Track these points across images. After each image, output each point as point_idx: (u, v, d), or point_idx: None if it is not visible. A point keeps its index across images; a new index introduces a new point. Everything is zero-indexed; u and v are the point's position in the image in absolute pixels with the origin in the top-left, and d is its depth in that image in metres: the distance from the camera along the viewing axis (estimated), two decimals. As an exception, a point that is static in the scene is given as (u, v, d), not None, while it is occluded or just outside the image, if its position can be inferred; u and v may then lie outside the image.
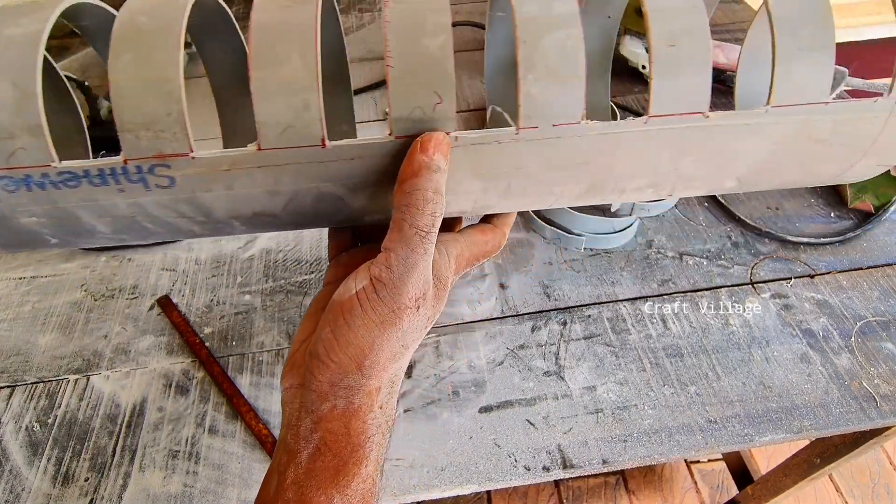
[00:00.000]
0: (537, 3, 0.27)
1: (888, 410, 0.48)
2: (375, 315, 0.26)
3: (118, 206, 0.27)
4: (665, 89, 0.27)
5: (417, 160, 0.25)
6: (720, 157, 0.30)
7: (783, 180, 0.33)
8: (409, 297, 0.26)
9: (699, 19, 0.27)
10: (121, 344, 0.54)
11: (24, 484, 0.45)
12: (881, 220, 0.61)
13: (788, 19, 0.27)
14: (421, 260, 0.25)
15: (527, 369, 0.51)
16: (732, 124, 0.28)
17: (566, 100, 0.26)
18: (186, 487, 0.45)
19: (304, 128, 0.25)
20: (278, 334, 0.54)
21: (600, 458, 0.45)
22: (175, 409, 0.49)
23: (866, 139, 0.30)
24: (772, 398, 0.48)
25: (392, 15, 0.26)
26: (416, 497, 0.44)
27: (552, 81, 0.26)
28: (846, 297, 0.55)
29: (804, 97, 0.28)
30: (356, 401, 0.27)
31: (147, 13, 0.27)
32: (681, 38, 0.26)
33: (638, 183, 0.31)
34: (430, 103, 0.25)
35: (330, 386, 0.26)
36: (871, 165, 0.32)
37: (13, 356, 0.53)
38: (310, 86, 0.25)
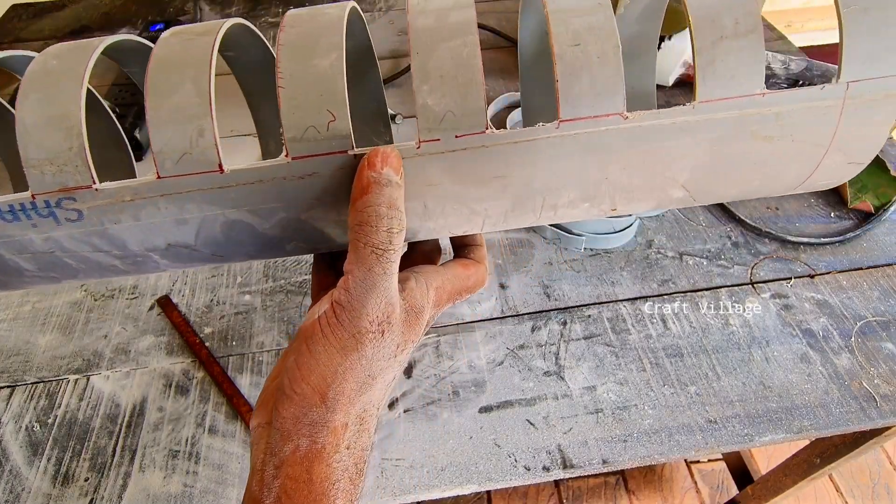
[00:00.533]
0: (435, 13, 0.26)
1: (888, 410, 0.48)
2: (336, 340, 0.24)
3: (34, 242, 0.27)
4: (574, 91, 0.25)
5: (365, 177, 0.24)
6: (653, 162, 0.27)
7: (743, 188, 0.30)
8: (370, 319, 0.24)
9: (604, 16, 0.25)
10: (121, 344, 0.54)
11: (23, 484, 0.45)
12: (881, 220, 0.61)
13: (705, 6, 0.25)
14: (380, 280, 0.24)
15: (527, 369, 0.51)
16: (657, 124, 0.26)
17: (467, 109, 0.25)
18: (186, 487, 0.45)
19: (200, 154, 0.25)
20: (278, 334, 0.54)
21: (600, 458, 0.45)
22: (175, 409, 0.49)
23: (823, 133, 0.27)
24: (772, 398, 0.49)
25: (286, 38, 0.26)
26: (416, 497, 0.44)
27: (450, 90, 0.25)
28: (846, 297, 0.55)
29: (734, 90, 0.25)
30: (320, 440, 0.25)
31: (58, 57, 0.27)
32: (585, 36, 0.25)
33: (568, 196, 0.28)
34: (323, 122, 0.25)
35: (293, 423, 0.25)
36: (841, 164, 0.28)
37: (13, 356, 0.53)
38: (203, 112, 0.25)
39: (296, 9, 0.28)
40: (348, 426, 0.26)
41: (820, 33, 1.40)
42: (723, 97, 0.25)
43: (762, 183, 0.30)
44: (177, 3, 1.01)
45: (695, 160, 0.27)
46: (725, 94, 0.25)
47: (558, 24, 0.25)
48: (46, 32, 0.96)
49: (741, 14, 0.25)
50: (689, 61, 0.74)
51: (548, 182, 0.27)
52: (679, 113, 0.26)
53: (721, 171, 0.28)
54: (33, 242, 0.27)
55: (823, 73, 0.72)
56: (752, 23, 0.25)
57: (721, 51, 0.25)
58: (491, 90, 0.81)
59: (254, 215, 0.27)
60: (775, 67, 0.73)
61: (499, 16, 0.95)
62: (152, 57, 0.26)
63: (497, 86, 0.81)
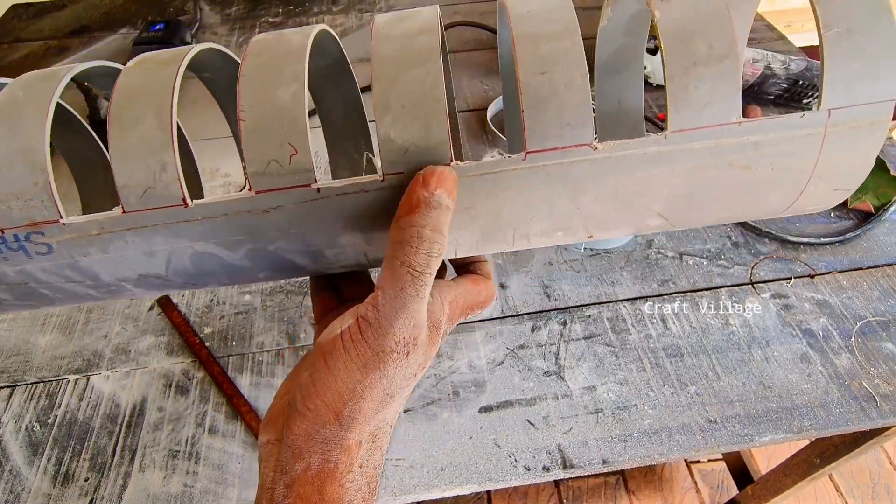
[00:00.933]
0: (401, 39, 0.25)
1: (888, 410, 0.48)
2: (358, 357, 0.24)
3: (8, 275, 0.28)
4: (540, 121, 0.24)
5: (417, 195, 0.23)
6: (625, 192, 0.26)
7: (723, 215, 0.29)
8: (397, 339, 0.23)
9: (572, 42, 0.24)
10: (121, 344, 0.54)
11: (23, 484, 0.45)
12: (881, 220, 0.61)
13: (678, 30, 0.24)
14: (412, 302, 0.23)
15: (527, 369, 0.51)
16: (628, 155, 0.24)
17: (430, 141, 0.24)
18: (186, 487, 0.45)
19: (163, 189, 0.25)
20: (278, 334, 0.54)
21: (600, 458, 0.45)
22: (175, 409, 0.49)
23: (804, 162, 0.25)
24: (772, 398, 0.49)
25: (246, 68, 0.26)
26: (416, 497, 0.44)
27: (412, 122, 0.24)
28: (846, 297, 0.55)
29: (708, 119, 0.24)
30: (332, 458, 0.24)
31: (25, 87, 0.27)
32: (552, 63, 0.24)
33: (539, 227, 0.27)
34: (285, 156, 0.24)
35: (305, 440, 0.24)
36: (826, 191, 0.27)
37: (13, 356, 0.53)
38: (165, 145, 0.25)
39: (261, 34, 0.28)
40: (362, 445, 0.25)
41: (820, 33, 1.40)
42: (696, 126, 0.24)
43: (744, 209, 0.28)
44: (177, 3, 1.01)
45: (670, 189, 0.26)
46: (699, 124, 0.24)
47: (525, 51, 0.24)
48: (46, 32, 0.96)
49: (716, 38, 0.24)
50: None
51: (517, 214, 0.27)
52: (650, 143, 0.24)
53: (698, 199, 0.27)
54: (7, 275, 0.28)
55: (823, 73, 0.72)
56: (727, 47, 0.23)
57: (694, 78, 0.24)
58: (491, 90, 0.81)
59: (221, 247, 0.27)
60: (775, 67, 0.73)
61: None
62: (116, 87, 0.26)
63: (497, 85, 0.81)
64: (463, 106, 0.78)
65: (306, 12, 0.98)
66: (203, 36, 0.93)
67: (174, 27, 0.86)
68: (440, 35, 0.26)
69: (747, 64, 0.73)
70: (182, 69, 0.26)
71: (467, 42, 0.90)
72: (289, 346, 0.53)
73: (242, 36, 0.93)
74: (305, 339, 0.53)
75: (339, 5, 1.00)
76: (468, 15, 0.96)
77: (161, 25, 0.86)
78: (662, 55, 0.24)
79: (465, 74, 0.83)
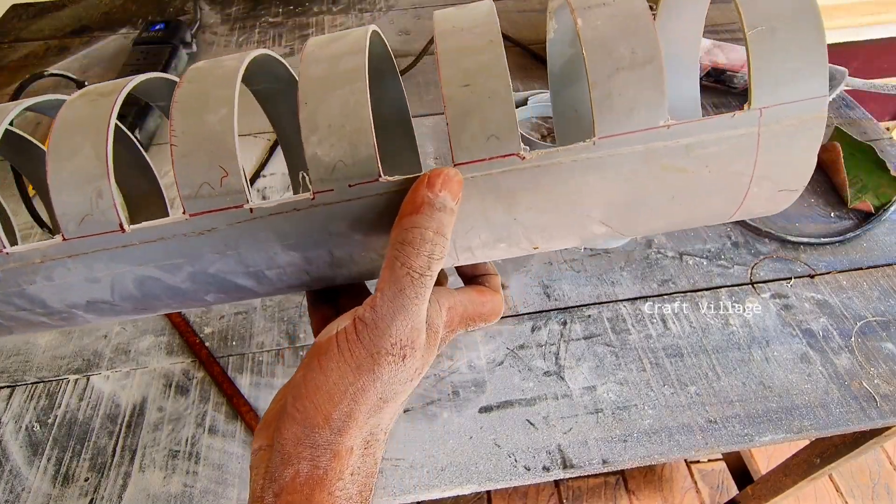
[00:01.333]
0: (327, 61, 0.26)
1: (888, 410, 0.48)
2: (352, 358, 0.23)
3: None
4: (466, 134, 0.24)
5: (420, 195, 0.23)
6: (560, 201, 0.26)
7: (670, 220, 0.28)
8: (392, 341, 0.23)
9: (494, 54, 0.25)
10: (121, 344, 0.54)
11: (23, 484, 0.45)
12: (881, 220, 0.61)
13: (599, 37, 0.24)
14: (411, 304, 0.23)
15: (527, 369, 0.51)
16: (557, 163, 0.24)
17: (358, 157, 0.24)
18: (186, 487, 0.45)
19: (100, 215, 0.26)
20: (278, 334, 0.54)
21: (600, 458, 0.45)
22: (175, 409, 0.49)
23: (742, 163, 0.25)
24: (772, 398, 0.49)
25: (180, 95, 0.26)
26: (416, 497, 0.44)
27: (339, 140, 0.24)
28: (846, 297, 0.55)
29: (634, 124, 0.24)
30: (322, 464, 0.23)
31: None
32: (476, 75, 0.24)
33: (479, 238, 0.27)
34: (216, 178, 0.25)
35: (294, 445, 0.23)
36: (772, 192, 0.27)
37: (13, 356, 0.53)
38: (101, 174, 0.25)
39: (199, 62, 0.29)
40: (353, 451, 0.24)
41: (820, 33, 1.41)
42: (624, 132, 0.24)
43: (690, 215, 0.28)
44: (177, 3, 1.01)
45: (606, 196, 0.26)
46: (626, 129, 0.24)
47: (447, 66, 0.24)
48: (46, 32, 0.96)
49: (638, 43, 0.24)
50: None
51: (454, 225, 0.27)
52: (580, 150, 0.24)
53: (637, 205, 0.26)
54: None
55: (823, 73, 0.72)
56: (651, 51, 0.23)
57: (618, 83, 0.23)
58: (491, 90, 0.81)
59: (162, 270, 0.27)
60: (775, 67, 0.73)
61: (499, 16, 0.95)
62: (56, 119, 0.27)
63: (497, 86, 0.81)
64: (463, 106, 0.78)
65: (306, 12, 0.98)
66: (203, 36, 0.93)
67: (174, 27, 0.86)
68: (366, 55, 0.26)
69: (746, 64, 0.73)
70: (120, 99, 0.27)
71: (467, 42, 0.90)
72: (289, 346, 0.53)
73: (243, 36, 0.93)
74: (305, 338, 0.54)
75: (339, 5, 1.00)
76: (468, 15, 0.96)
77: (161, 25, 0.86)
78: (585, 63, 0.24)
79: (465, 74, 0.83)
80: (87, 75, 0.86)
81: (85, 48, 0.92)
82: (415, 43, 0.90)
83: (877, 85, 0.76)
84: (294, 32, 0.93)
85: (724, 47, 0.74)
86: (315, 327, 0.30)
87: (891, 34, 1.46)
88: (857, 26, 1.42)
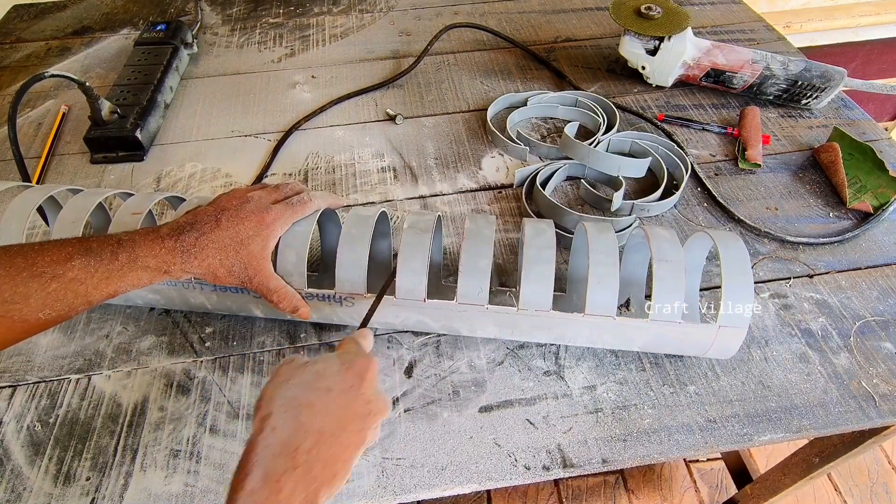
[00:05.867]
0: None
1: (887, 410, 0.48)
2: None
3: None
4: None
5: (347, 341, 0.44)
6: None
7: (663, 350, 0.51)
8: None
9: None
10: (122, 344, 0.54)
11: (25, 483, 0.45)
12: (880, 221, 0.62)
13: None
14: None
15: (527, 369, 0.51)
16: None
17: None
18: (188, 487, 0.45)
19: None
20: (279, 334, 0.54)
21: (600, 457, 0.46)
22: (176, 408, 0.49)
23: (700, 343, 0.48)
24: (771, 398, 0.49)
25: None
26: (417, 496, 0.44)
27: None
28: (845, 297, 0.55)
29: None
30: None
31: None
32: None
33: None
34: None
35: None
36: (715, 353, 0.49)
37: (15, 356, 0.53)
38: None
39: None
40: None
41: (819, 34, 1.40)
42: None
43: (674, 350, 0.51)
44: (178, 4, 1.01)
45: (634, 341, 0.50)
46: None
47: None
48: (48, 33, 0.96)
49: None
50: (688, 61, 0.75)
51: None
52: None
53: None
54: None
55: (822, 74, 0.72)
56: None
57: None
58: (491, 90, 0.81)
59: None
60: (774, 68, 0.73)
61: (499, 17, 0.96)
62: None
63: (497, 86, 0.82)
64: (463, 106, 0.78)
65: (307, 13, 0.98)
66: (204, 36, 0.93)
67: (175, 28, 0.86)
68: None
69: (746, 64, 0.73)
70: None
71: (467, 42, 0.90)
72: (289, 346, 0.53)
73: (243, 37, 0.93)
74: (306, 338, 0.54)
75: (339, 6, 1.00)
76: (469, 16, 0.96)
77: (162, 26, 0.86)
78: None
79: (465, 74, 0.84)
80: (88, 76, 0.86)
81: (86, 49, 0.92)
82: (415, 43, 0.90)
83: (875, 85, 0.76)
84: (294, 33, 0.93)
85: (724, 48, 0.74)
86: None
87: (891, 34, 1.46)
88: (857, 26, 1.42)
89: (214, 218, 0.45)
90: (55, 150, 0.74)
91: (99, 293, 0.40)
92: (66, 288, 0.38)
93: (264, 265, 0.46)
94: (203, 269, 0.44)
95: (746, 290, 0.45)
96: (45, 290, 0.38)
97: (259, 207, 0.46)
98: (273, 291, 0.46)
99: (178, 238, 0.43)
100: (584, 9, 0.97)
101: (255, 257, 0.45)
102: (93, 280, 0.40)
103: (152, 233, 0.43)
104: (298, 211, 0.48)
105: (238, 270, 0.45)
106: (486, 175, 0.69)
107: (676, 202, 0.64)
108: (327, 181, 0.69)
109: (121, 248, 0.41)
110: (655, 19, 0.74)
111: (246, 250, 0.45)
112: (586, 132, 0.75)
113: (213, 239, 0.44)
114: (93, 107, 0.69)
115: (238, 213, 0.45)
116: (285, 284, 0.47)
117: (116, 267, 0.40)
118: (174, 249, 0.43)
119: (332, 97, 0.80)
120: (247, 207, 0.46)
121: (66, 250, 0.39)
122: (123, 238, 0.42)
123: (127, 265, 0.41)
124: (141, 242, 0.42)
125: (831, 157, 0.66)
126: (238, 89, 0.82)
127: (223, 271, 0.45)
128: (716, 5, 0.97)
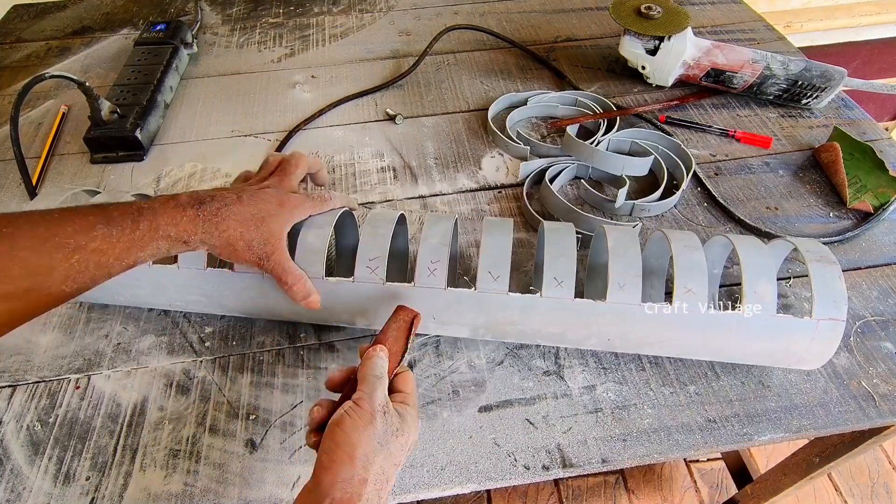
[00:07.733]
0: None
1: (887, 410, 0.48)
2: (359, 418, 0.37)
3: None
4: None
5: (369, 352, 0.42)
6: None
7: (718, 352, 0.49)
8: (377, 405, 0.38)
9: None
10: (122, 343, 0.54)
11: (25, 483, 0.45)
12: (880, 220, 0.62)
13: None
14: (378, 387, 0.39)
15: (526, 369, 0.51)
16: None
17: None
18: (187, 486, 0.45)
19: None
20: (279, 334, 0.54)
21: (600, 457, 0.46)
22: (176, 408, 0.49)
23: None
24: (771, 397, 0.49)
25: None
26: (416, 496, 0.44)
27: None
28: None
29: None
30: (350, 490, 0.34)
31: None
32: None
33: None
34: None
35: (330, 484, 0.34)
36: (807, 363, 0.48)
37: (14, 356, 0.53)
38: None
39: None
40: (368, 482, 0.35)
41: (819, 34, 1.40)
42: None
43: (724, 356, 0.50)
44: (178, 4, 1.01)
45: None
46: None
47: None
48: (48, 33, 0.96)
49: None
50: (688, 61, 0.75)
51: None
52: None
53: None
54: None
55: (822, 74, 0.72)
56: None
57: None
58: (491, 90, 0.81)
59: None
60: (774, 68, 0.73)
61: (499, 16, 0.96)
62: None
63: (497, 86, 0.82)
64: (463, 106, 0.78)
65: (307, 13, 0.98)
66: (204, 36, 0.93)
67: (175, 28, 0.86)
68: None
69: (746, 64, 0.73)
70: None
71: (467, 42, 0.90)
72: (289, 346, 0.53)
73: (243, 36, 0.93)
74: (306, 338, 0.54)
75: (339, 6, 1.00)
76: (469, 15, 0.96)
77: (162, 26, 0.86)
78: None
79: (465, 74, 0.84)
80: (88, 76, 0.86)
81: (86, 49, 0.92)
82: (415, 43, 0.90)
83: (876, 85, 0.76)
84: (294, 33, 0.93)
85: (724, 48, 0.74)
86: (327, 414, 0.40)
87: (891, 34, 1.46)
88: (857, 26, 1.42)
89: (236, 194, 0.45)
90: (55, 150, 0.74)
91: (119, 264, 0.40)
92: (89, 259, 0.38)
93: (282, 245, 0.45)
94: (223, 240, 0.43)
95: (837, 283, 0.44)
96: (68, 261, 0.37)
97: (280, 192, 0.47)
98: (288, 272, 0.45)
99: (200, 207, 0.42)
100: (584, 9, 0.97)
101: (274, 235, 0.45)
102: (114, 251, 0.39)
103: (171, 200, 0.42)
104: (318, 205, 0.48)
105: (257, 246, 0.44)
106: (486, 175, 0.69)
107: (677, 202, 0.64)
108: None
109: (141, 216, 0.40)
110: (655, 19, 0.74)
111: (266, 227, 0.44)
112: (586, 132, 0.74)
113: (234, 211, 0.43)
114: (93, 107, 0.69)
115: (259, 193, 0.46)
116: (300, 268, 0.46)
117: (137, 237, 0.40)
118: (196, 218, 0.42)
119: (331, 97, 0.80)
120: (268, 190, 0.46)
121: (87, 219, 0.38)
122: (143, 206, 0.41)
123: (148, 234, 0.40)
124: (161, 211, 0.41)
125: (832, 157, 0.66)
126: (238, 89, 0.82)
127: (242, 244, 0.44)
128: (716, 5, 0.97)
